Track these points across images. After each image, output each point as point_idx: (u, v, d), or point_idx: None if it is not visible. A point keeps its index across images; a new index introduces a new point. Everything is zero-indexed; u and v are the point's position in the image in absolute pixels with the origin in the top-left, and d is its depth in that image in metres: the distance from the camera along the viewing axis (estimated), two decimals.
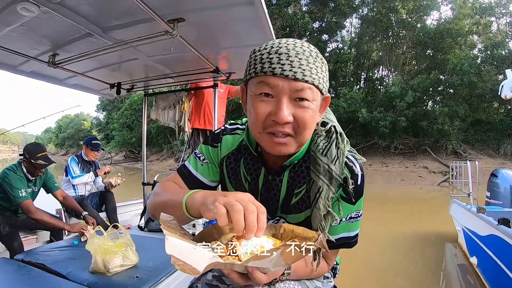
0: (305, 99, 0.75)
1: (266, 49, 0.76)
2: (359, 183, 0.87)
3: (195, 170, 1.00)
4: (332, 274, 1.09)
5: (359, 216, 0.91)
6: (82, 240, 2.58)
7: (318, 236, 0.67)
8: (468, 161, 5.04)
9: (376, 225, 6.55)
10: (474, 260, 4.02)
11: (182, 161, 5.88)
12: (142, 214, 3.57)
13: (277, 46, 0.75)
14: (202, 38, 2.45)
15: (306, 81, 0.74)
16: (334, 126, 0.91)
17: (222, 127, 1.05)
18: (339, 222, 0.88)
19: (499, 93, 4.39)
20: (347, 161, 0.87)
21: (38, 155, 2.80)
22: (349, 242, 0.92)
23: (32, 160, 2.78)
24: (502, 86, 4.20)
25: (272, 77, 0.74)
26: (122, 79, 3.45)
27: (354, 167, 0.86)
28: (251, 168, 0.98)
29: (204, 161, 1.01)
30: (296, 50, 0.74)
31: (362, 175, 0.89)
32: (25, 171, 2.84)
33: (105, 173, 4.12)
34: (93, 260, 1.82)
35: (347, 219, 0.89)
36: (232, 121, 1.08)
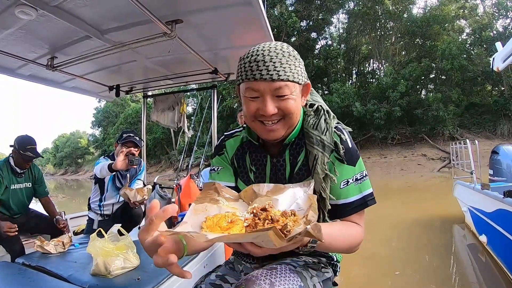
0: (284, 94, 0.90)
1: (247, 57, 0.92)
2: (350, 146, 1.01)
3: (216, 180, 1.12)
4: (332, 270, 1.13)
5: (365, 176, 1.02)
6: None
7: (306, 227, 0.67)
8: (468, 140, 5.07)
9: (380, 216, 6.48)
10: (483, 238, 4.02)
11: (180, 170, 5.87)
12: (143, 217, 3.51)
13: (255, 54, 0.90)
14: (201, 39, 2.46)
15: (282, 80, 0.88)
16: (321, 105, 1.08)
17: (222, 136, 1.22)
18: (348, 183, 1.00)
19: (491, 67, 4.43)
20: (336, 131, 1.02)
21: (28, 147, 2.76)
22: (367, 202, 1.01)
23: (21, 151, 2.74)
24: (493, 58, 4.24)
25: (254, 82, 0.90)
26: (121, 81, 3.45)
27: (342, 135, 1.02)
28: (256, 158, 1.11)
29: (219, 169, 1.16)
30: (270, 55, 0.88)
31: (351, 139, 1.04)
32: (13, 164, 2.81)
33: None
34: (94, 263, 1.80)
35: (354, 181, 1.00)
36: (228, 130, 1.26)
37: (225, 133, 1.22)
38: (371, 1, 23.55)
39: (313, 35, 27.45)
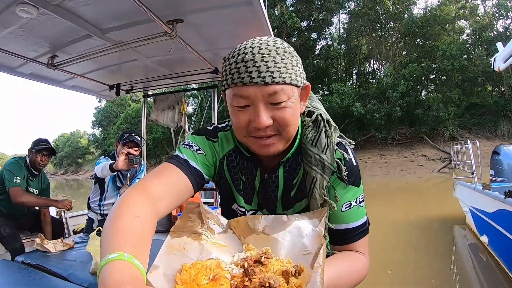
0: (280, 101, 0.73)
1: (233, 57, 0.74)
2: (354, 164, 0.86)
3: (193, 161, 0.89)
4: None
5: (364, 199, 0.89)
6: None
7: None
8: (468, 141, 5.07)
9: (380, 217, 6.44)
10: (484, 238, 4.03)
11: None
12: None
13: (243, 53, 0.72)
14: (201, 38, 2.46)
15: (277, 83, 0.71)
16: (320, 114, 0.89)
17: (214, 125, 1.00)
18: (350, 206, 0.85)
19: (492, 67, 4.45)
20: (338, 148, 0.86)
21: (41, 143, 2.92)
22: (367, 227, 0.89)
23: (34, 147, 2.87)
24: (494, 58, 4.27)
25: (243, 87, 0.72)
26: (122, 80, 3.45)
27: (345, 154, 0.86)
28: (246, 168, 0.94)
29: (198, 152, 0.91)
30: (261, 52, 0.71)
31: (355, 156, 0.88)
32: (29, 163, 2.90)
33: None
34: (94, 262, 1.78)
35: (358, 203, 0.86)
36: (218, 122, 1.04)
37: (216, 124, 1.00)
38: (371, 2, 23.57)
39: (314, 35, 27.46)
